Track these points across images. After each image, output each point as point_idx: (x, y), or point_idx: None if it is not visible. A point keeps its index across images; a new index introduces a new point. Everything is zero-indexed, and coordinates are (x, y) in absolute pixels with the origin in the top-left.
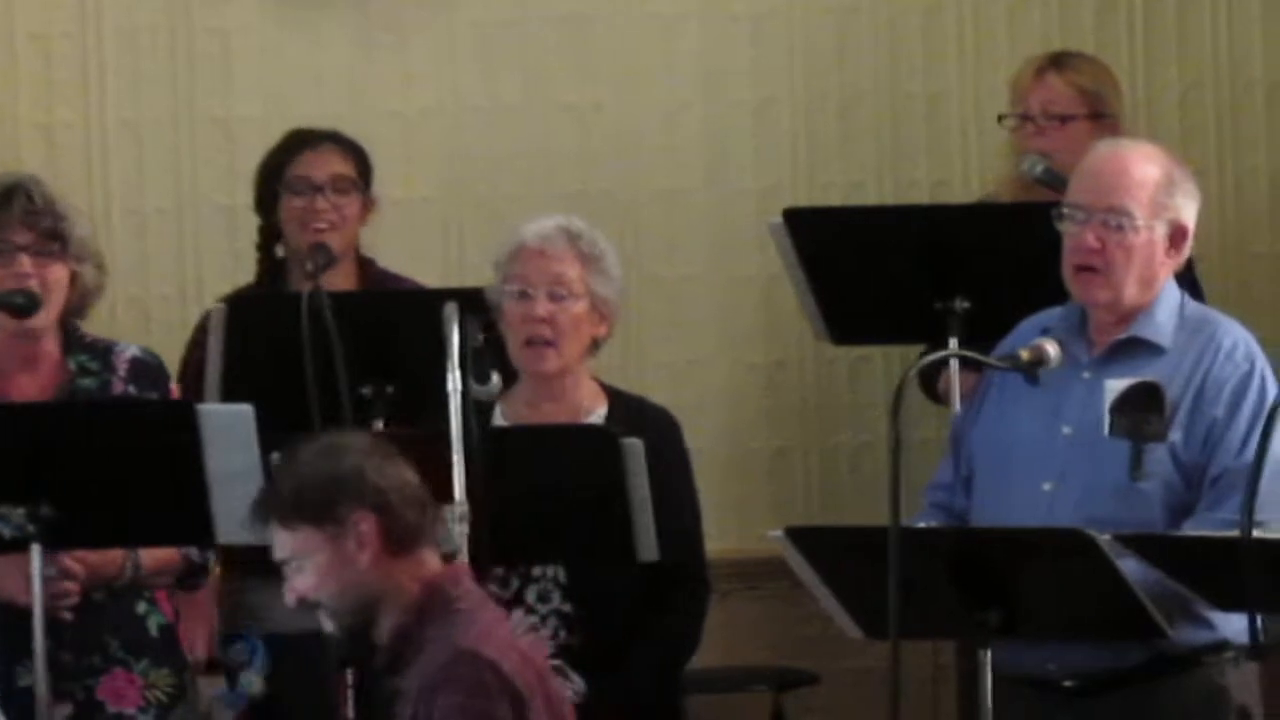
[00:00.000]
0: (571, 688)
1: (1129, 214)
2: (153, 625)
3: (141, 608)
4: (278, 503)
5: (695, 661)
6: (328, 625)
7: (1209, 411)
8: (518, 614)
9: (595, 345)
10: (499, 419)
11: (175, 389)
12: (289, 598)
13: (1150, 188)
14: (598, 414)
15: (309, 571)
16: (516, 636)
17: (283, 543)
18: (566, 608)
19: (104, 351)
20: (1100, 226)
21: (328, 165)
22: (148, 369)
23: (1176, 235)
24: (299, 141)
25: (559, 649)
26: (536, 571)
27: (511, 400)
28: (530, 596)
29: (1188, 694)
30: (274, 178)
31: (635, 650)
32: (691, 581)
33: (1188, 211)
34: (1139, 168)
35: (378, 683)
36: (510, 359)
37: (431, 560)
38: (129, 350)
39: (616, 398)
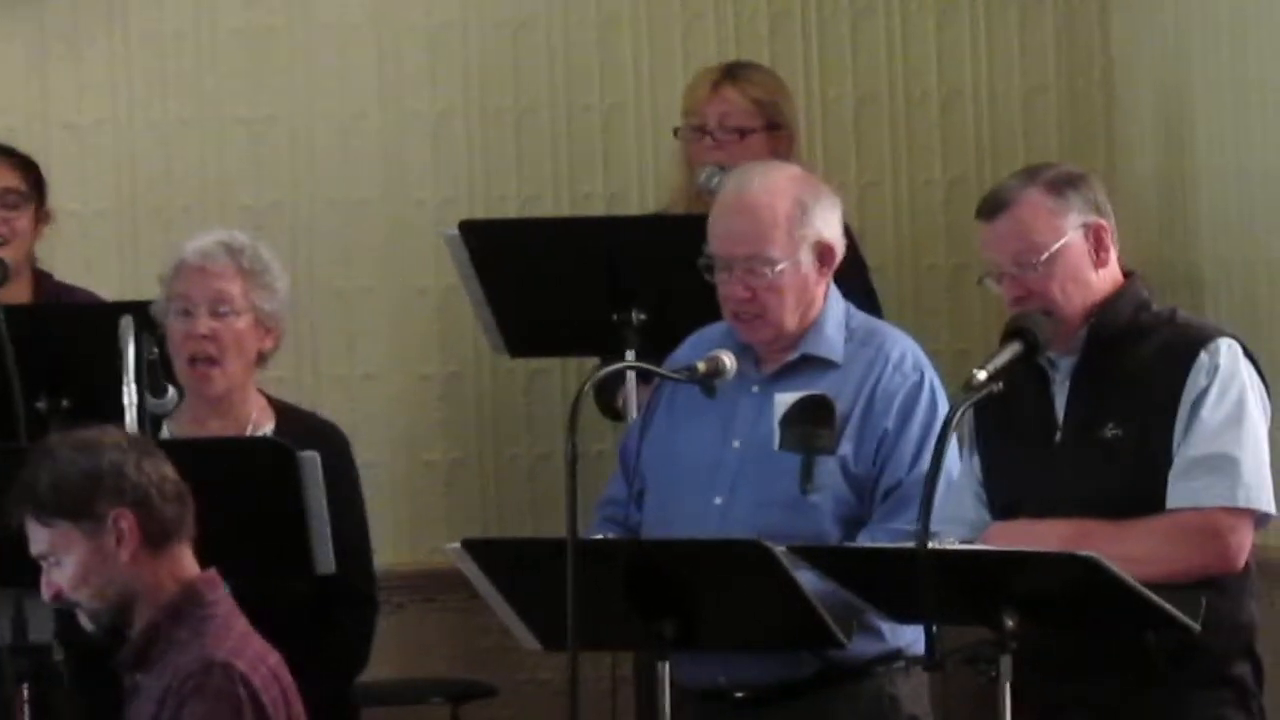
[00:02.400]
0: None
1: (768, 259)
2: None
3: None
4: (35, 498)
5: (372, 674)
6: (84, 622)
7: (879, 423)
8: None
9: (262, 359)
10: (165, 435)
11: None
12: (45, 593)
13: (782, 224)
14: (266, 429)
15: (66, 567)
16: (265, 652)
17: (39, 538)
18: None
19: None
20: (746, 274)
21: None
22: None
23: (824, 254)
24: None
25: None
26: None
27: (177, 417)
28: None
29: (859, 704)
30: None
31: (303, 668)
32: (358, 598)
33: (829, 227)
34: (766, 208)
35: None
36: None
37: (187, 557)
38: None
39: (284, 412)
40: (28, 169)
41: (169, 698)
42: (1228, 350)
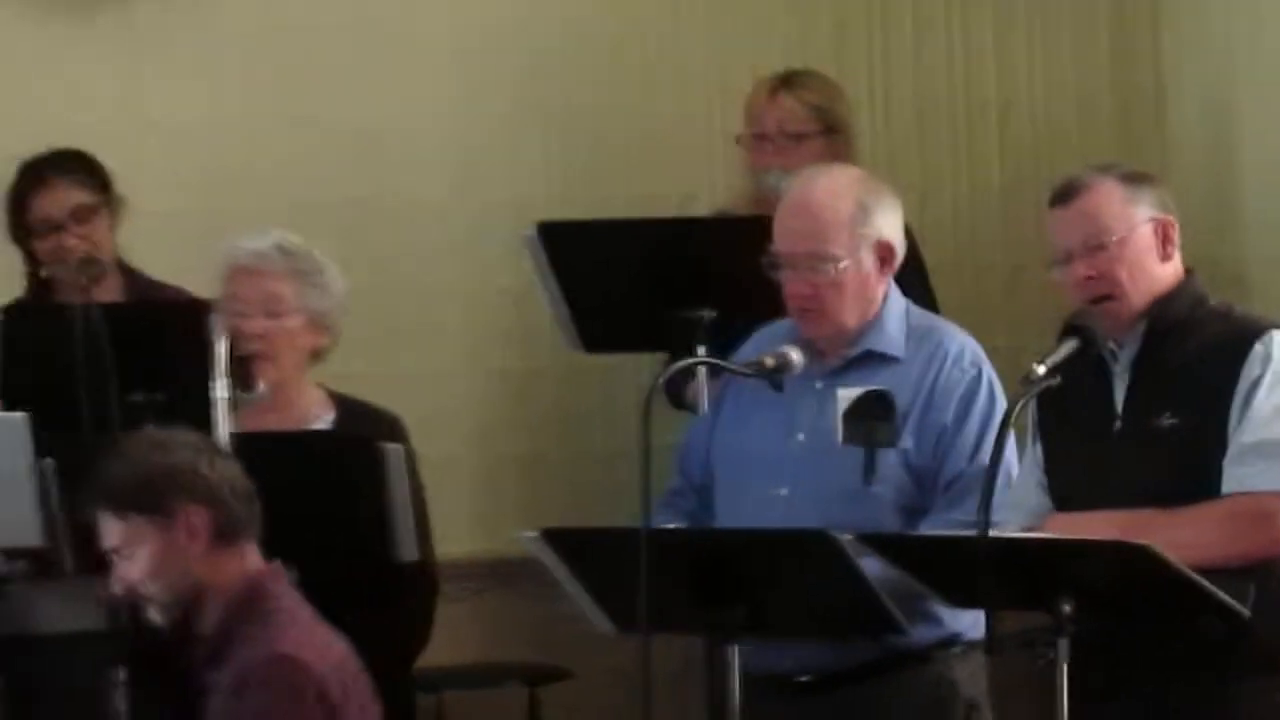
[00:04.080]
0: None
1: (831, 256)
2: None
3: None
4: (110, 492)
5: (451, 658)
6: (153, 615)
7: (938, 418)
8: None
9: (317, 355)
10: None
11: None
12: (116, 586)
13: (845, 223)
14: (325, 420)
15: (138, 561)
16: (331, 642)
17: (113, 532)
18: None
19: None
20: (808, 272)
21: (65, 200)
22: None
23: (884, 254)
24: (33, 179)
25: None
26: None
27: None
28: None
29: (919, 688)
30: (18, 217)
31: (367, 649)
32: (420, 580)
33: (889, 228)
34: (828, 208)
35: (180, 673)
36: None
37: (253, 555)
38: None
39: (343, 404)
40: (91, 174)
41: (238, 691)
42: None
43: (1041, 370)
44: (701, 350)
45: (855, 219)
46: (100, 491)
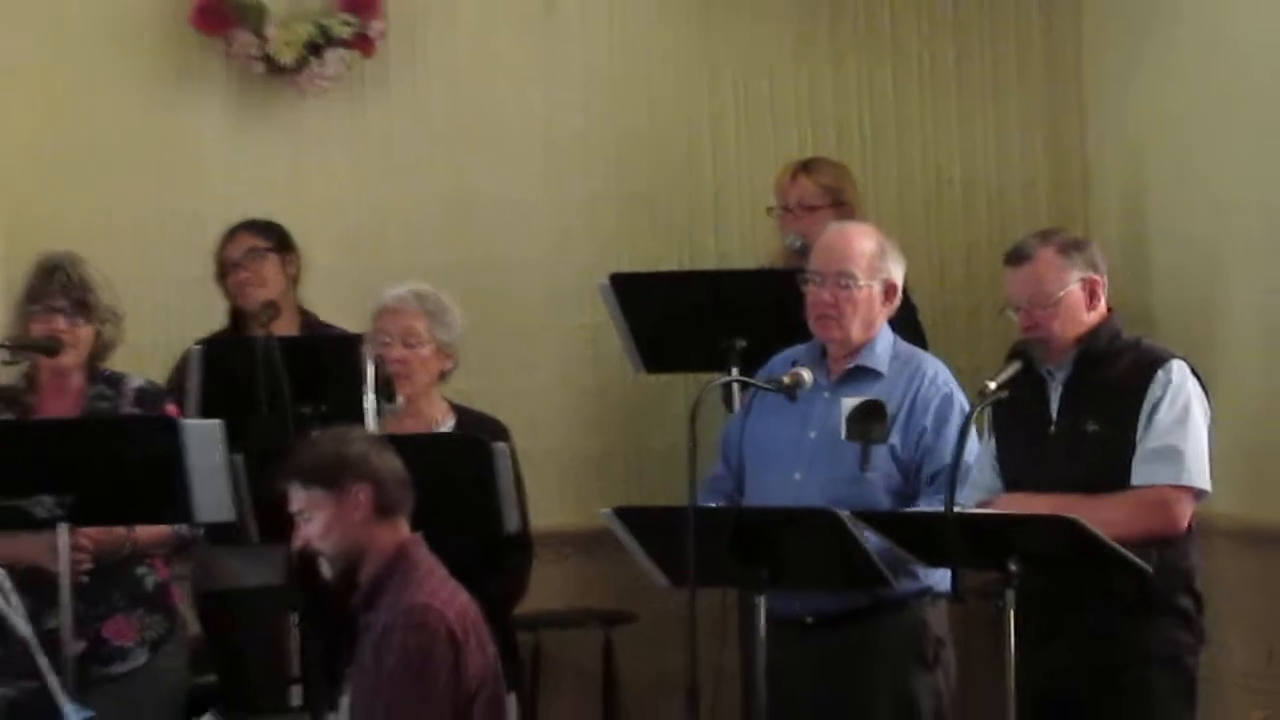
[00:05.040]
0: None
1: (853, 276)
2: (149, 583)
3: (140, 570)
4: (300, 469)
5: (545, 606)
6: (324, 568)
7: (919, 422)
8: None
9: (444, 375)
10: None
11: (174, 409)
12: (297, 542)
13: (868, 256)
14: (448, 425)
15: (315, 523)
16: (457, 594)
17: (298, 499)
18: None
19: (115, 382)
20: (833, 285)
21: (242, 244)
22: (150, 394)
23: (888, 290)
24: (228, 234)
25: None
26: None
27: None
28: None
29: (899, 627)
30: (218, 264)
31: (480, 600)
32: (519, 546)
33: (896, 273)
34: (859, 242)
35: (340, 620)
36: None
37: (403, 527)
38: (135, 381)
39: (462, 412)
40: (269, 232)
41: (386, 632)
42: (1179, 369)
43: (993, 385)
44: (735, 370)
45: (875, 256)
46: (292, 468)
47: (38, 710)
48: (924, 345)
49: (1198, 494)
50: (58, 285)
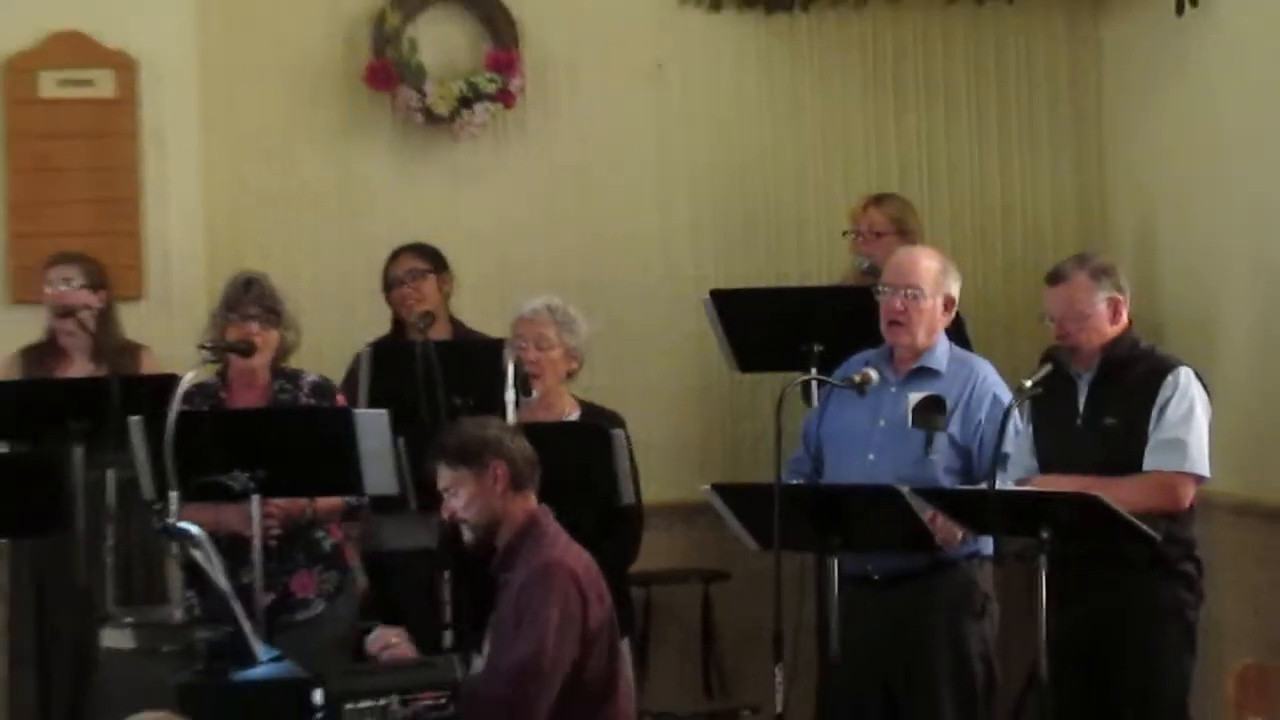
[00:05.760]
0: None
1: (920, 289)
2: (326, 545)
3: (319, 534)
4: (447, 450)
5: (654, 566)
6: (466, 534)
7: (974, 414)
8: None
9: (571, 375)
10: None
11: (342, 399)
12: (444, 514)
13: (933, 273)
14: (574, 415)
15: (460, 497)
16: (580, 554)
17: (445, 477)
18: None
19: (293, 377)
20: (903, 297)
21: (405, 264)
22: (323, 388)
23: (948, 303)
24: (393, 255)
25: None
26: None
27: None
28: None
29: (952, 584)
30: (385, 280)
31: (601, 558)
32: (632, 516)
33: (954, 289)
34: (925, 261)
35: (482, 577)
36: None
37: (533, 500)
38: (310, 377)
39: (586, 405)
40: (428, 254)
41: (523, 587)
42: (1185, 375)
43: (1028, 384)
44: (814, 370)
45: (939, 274)
46: (441, 450)
47: (235, 651)
48: (969, 350)
49: (1198, 479)
50: (251, 297)
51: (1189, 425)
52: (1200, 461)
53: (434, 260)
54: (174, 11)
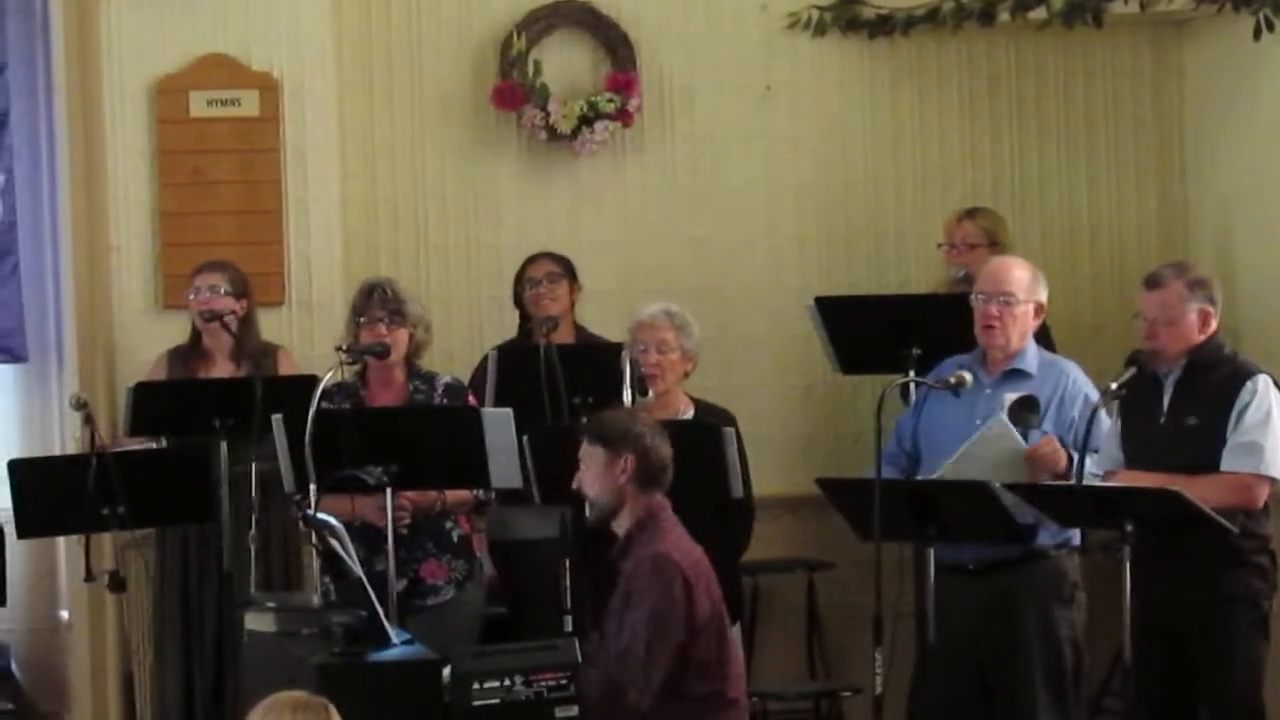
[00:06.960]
0: None
1: (1013, 295)
2: (454, 535)
3: (448, 524)
4: (593, 429)
5: (764, 555)
6: (588, 511)
7: (1067, 412)
8: None
9: (686, 375)
10: None
11: (472, 399)
12: (575, 484)
13: (1024, 281)
14: (688, 414)
15: (590, 472)
16: (692, 548)
17: (585, 450)
18: None
19: (429, 378)
20: (997, 303)
21: (542, 268)
22: (455, 389)
23: (1038, 309)
24: (528, 260)
25: None
26: None
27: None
28: None
29: (1043, 573)
30: (518, 281)
31: (711, 552)
32: (743, 509)
33: (1043, 296)
34: (1017, 270)
35: (602, 563)
36: None
37: (656, 496)
38: (444, 378)
39: (699, 404)
40: (563, 262)
41: (636, 576)
42: (1264, 381)
43: (1114, 386)
44: (911, 372)
45: (1030, 282)
46: (590, 425)
47: (369, 634)
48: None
49: (1273, 481)
50: (376, 301)
51: (1265, 430)
52: (1275, 464)
53: (567, 267)
54: (315, 36)
